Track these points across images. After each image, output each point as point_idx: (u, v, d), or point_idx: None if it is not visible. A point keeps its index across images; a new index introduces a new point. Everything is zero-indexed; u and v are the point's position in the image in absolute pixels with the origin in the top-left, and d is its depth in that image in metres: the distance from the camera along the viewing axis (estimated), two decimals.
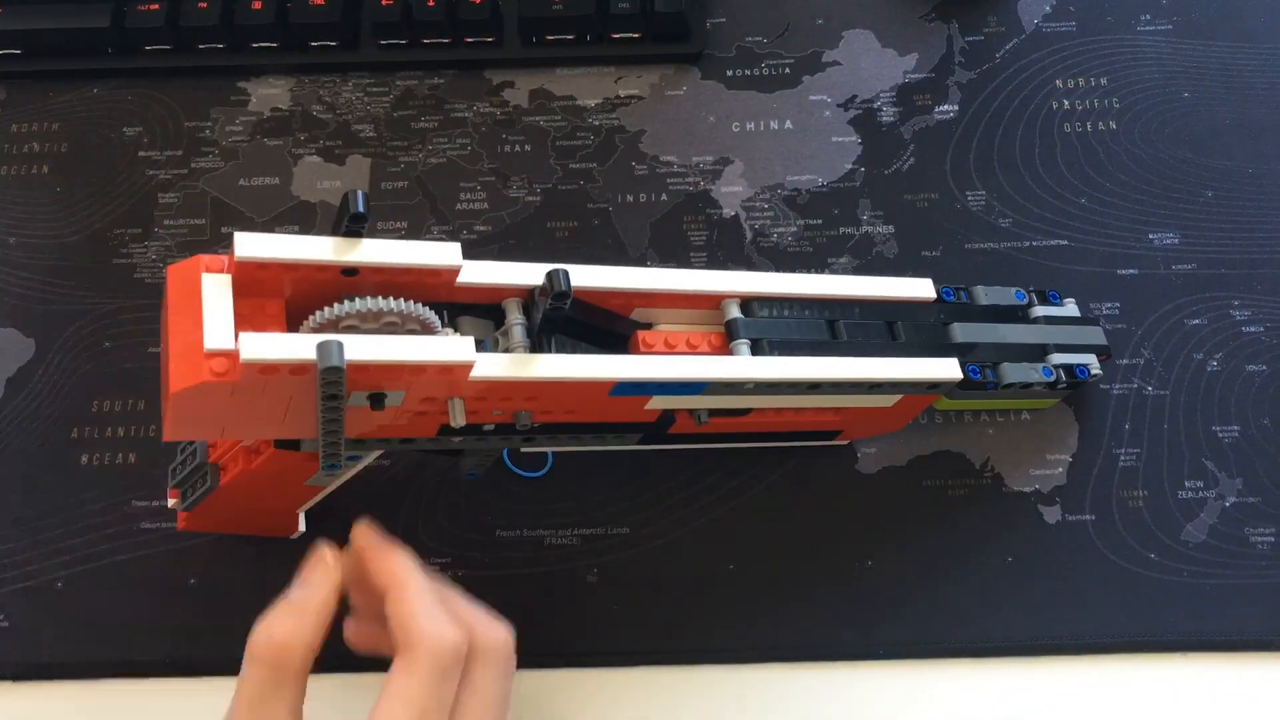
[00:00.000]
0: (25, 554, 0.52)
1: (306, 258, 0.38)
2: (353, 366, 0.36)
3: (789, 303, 0.46)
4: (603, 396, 0.42)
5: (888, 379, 0.45)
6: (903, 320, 0.48)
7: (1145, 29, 0.61)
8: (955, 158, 0.59)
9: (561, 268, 0.40)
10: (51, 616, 0.51)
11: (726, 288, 0.46)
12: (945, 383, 0.46)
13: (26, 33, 0.61)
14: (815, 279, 0.48)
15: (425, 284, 0.41)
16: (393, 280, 0.40)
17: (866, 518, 0.52)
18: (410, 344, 0.37)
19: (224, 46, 0.62)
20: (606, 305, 0.44)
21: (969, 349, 0.48)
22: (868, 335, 0.47)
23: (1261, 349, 0.54)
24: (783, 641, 0.50)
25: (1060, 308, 0.52)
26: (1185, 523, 0.51)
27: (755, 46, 0.62)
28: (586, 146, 0.60)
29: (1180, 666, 0.49)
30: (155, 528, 0.53)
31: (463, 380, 0.39)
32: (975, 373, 0.47)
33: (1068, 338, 0.51)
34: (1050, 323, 0.52)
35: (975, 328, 0.49)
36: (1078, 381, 0.50)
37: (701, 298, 0.45)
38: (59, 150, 0.61)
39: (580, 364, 0.41)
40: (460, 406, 0.40)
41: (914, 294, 0.49)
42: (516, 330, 0.42)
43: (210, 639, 0.51)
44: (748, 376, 0.43)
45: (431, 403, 0.40)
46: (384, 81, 0.62)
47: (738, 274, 0.46)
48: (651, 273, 0.45)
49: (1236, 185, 0.58)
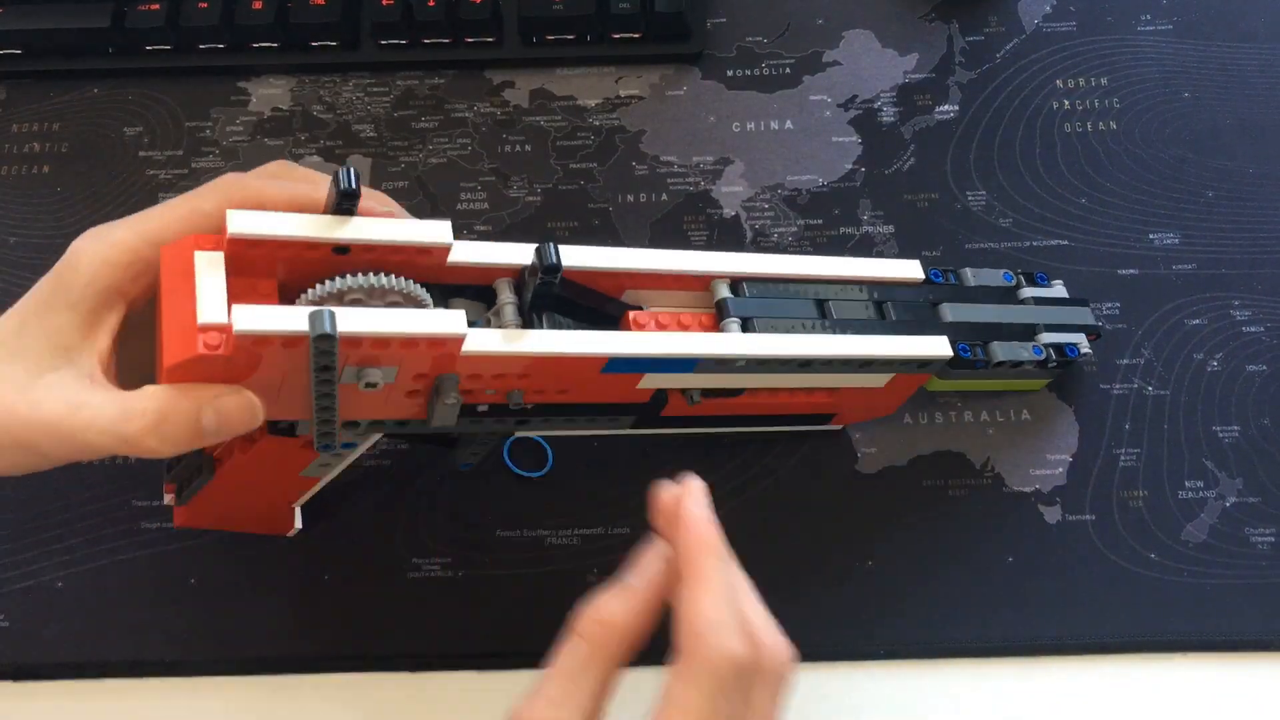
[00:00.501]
0: (25, 554, 0.52)
1: (298, 235, 0.38)
2: (345, 339, 0.36)
3: (778, 283, 0.47)
4: (595, 374, 0.42)
5: (878, 356, 0.45)
6: (892, 300, 0.48)
7: (1145, 29, 0.61)
8: (955, 158, 0.59)
9: (551, 243, 0.41)
10: (51, 616, 0.51)
11: (716, 269, 0.46)
12: (936, 360, 0.47)
13: (27, 33, 0.61)
14: (804, 260, 0.48)
15: (416, 263, 0.41)
16: (384, 259, 0.40)
17: (866, 518, 0.51)
18: (402, 316, 0.37)
19: (224, 46, 0.61)
20: (597, 287, 0.45)
21: (958, 328, 0.48)
22: (857, 314, 0.47)
23: (1262, 349, 0.54)
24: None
25: (1048, 289, 0.53)
26: (1185, 523, 0.51)
27: (755, 46, 0.62)
28: (587, 146, 0.60)
29: (1180, 666, 0.49)
30: (155, 528, 0.52)
31: (455, 355, 0.39)
32: (965, 351, 0.48)
33: (1057, 318, 0.52)
34: (1039, 303, 0.52)
35: (964, 308, 0.49)
36: (1068, 360, 0.50)
37: (691, 279, 0.46)
38: (59, 150, 0.61)
39: (572, 339, 0.41)
40: (453, 384, 0.40)
41: (902, 274, 0.49)
42: (508, 309, 0.42)
43: (210, 639, 0.50)
44: (739, 353, 0.43)
45: (424, 381, 0.40)
46: (384, 81, 0.62)
47: (727, 255, 0.47)
48: (642, 253, 0.45)
49: (1237, 185, 0.57)
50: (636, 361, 0.42)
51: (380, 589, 0.51)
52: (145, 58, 0.62)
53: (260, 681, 0.50)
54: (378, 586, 0.51)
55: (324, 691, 0.50)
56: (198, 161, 0.60)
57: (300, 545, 0.52)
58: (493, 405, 0.43)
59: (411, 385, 0.40)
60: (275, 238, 0.38)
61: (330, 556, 0.52)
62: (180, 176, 0.60)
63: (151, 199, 0.59)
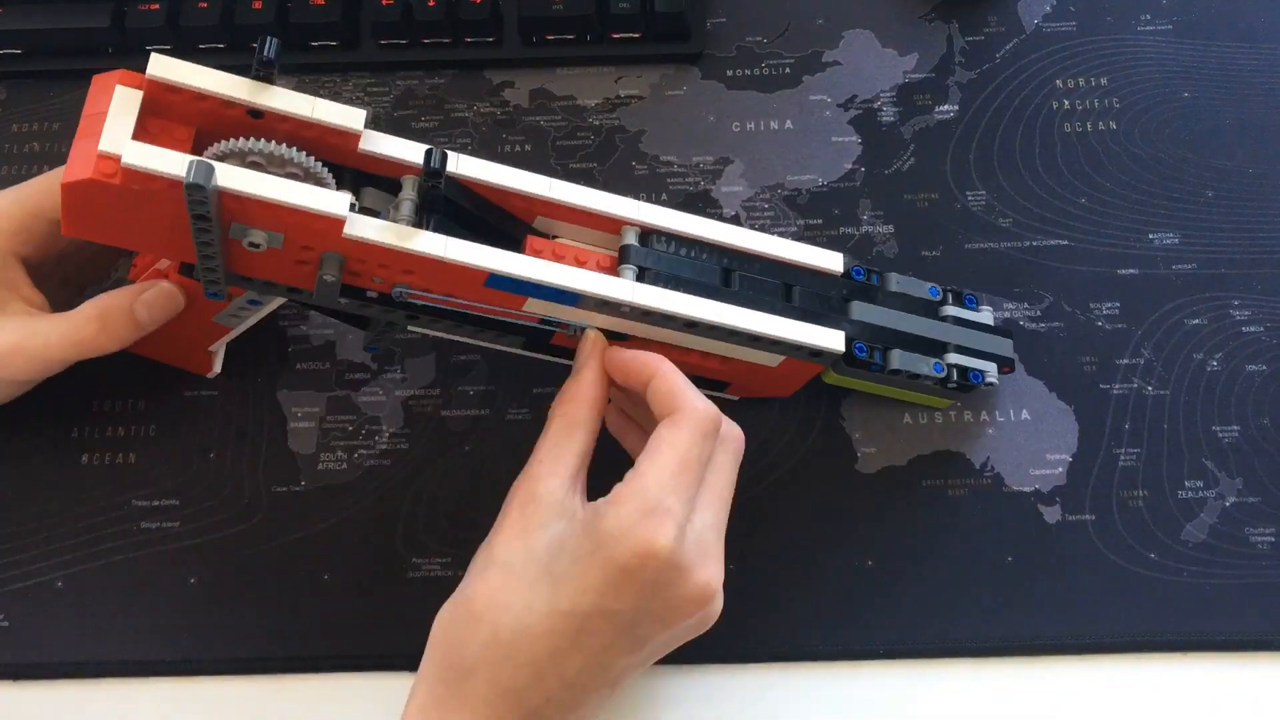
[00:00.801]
0: (25, 554, 0.52)
1: (214, 90, 0.41)
2: (228, 195, 0.38)
3: (689, 243, 0.47)
4: (478, 287, 0.44)
5: (767, 335, 0.46)
6: (802, 286, 0.48)
7: (1145, 29, 0.61)
8: (955, 157, 0.58)
9: (445, 150, 0.42)
10: (51, 616, 0.51)
11: (629, 214, 0.47)
12: (828, 353, 0.47)
13: (27, 32, 0.61)
14: (723, 227, 0.48)
15: (328, 144, 0.43)
16: (297, 133, 0.42)
17: (866, 518, 0.51)
18: (286, 187, 0.40)
19: (224, 46, 0.61)
20: (509, 208, 0.46)
21: (863, 327, 0.48)
22: (760, 291, 0.47)
23: (1261, 349, 0.54)
24: (782, 641, 0.50)
25: (975, 312, 0.52)
26: (1185, 522, 0.51)
27: (755, 46, 0.62)
28: (587, 146, 0.60)
29: (1180, 666, 0.49)
30: (155, 527, 0.52)
31: (336, 235, 0.41)
32: (861, 350, 0.48)
33: (972, 341, 0.51)
34: (958, 323, 0.51)
35: (877, 310, 0.49)
36: (969, 385, 0.50)
37: (603, 219, 0.47)
38: (59, 150, 0.61)
39: (454, 247, 0.42)
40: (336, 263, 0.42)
41: (821, 263, 0.49)
42: (405, 205, 0.43)
43: (209, 638, 0.50)
44: (620, 298, 0.44)
45: (311, 255, 0.42)
46: (384, 81, 0.62)
47: (643, 204, 0.47)
48: (554, 183, 0.46)
49: (1237, 185, 0.57)
50: (518, 283, 0.43)
51: (380, 589, 0.51)
52: (145, 58, 0.61)
53: (259, 681, 0.50)
54: (377, 586, 0.51)
55: (323, 691, 0.50)
56: None
57: (300, 546, 0.52)
58: (381, 294, 0.44)
59: (299, 255, 0.42)
60: (190, 87, 0.40)
61: (330, 556, 0.52)
62: None
63: None
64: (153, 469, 0.53)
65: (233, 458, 0.53)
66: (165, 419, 0.54)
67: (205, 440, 0.54)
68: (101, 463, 0.53)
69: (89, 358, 0.47)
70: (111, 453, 0.54)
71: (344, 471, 0.53)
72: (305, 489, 0.53)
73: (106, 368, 0.55)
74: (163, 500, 0.53)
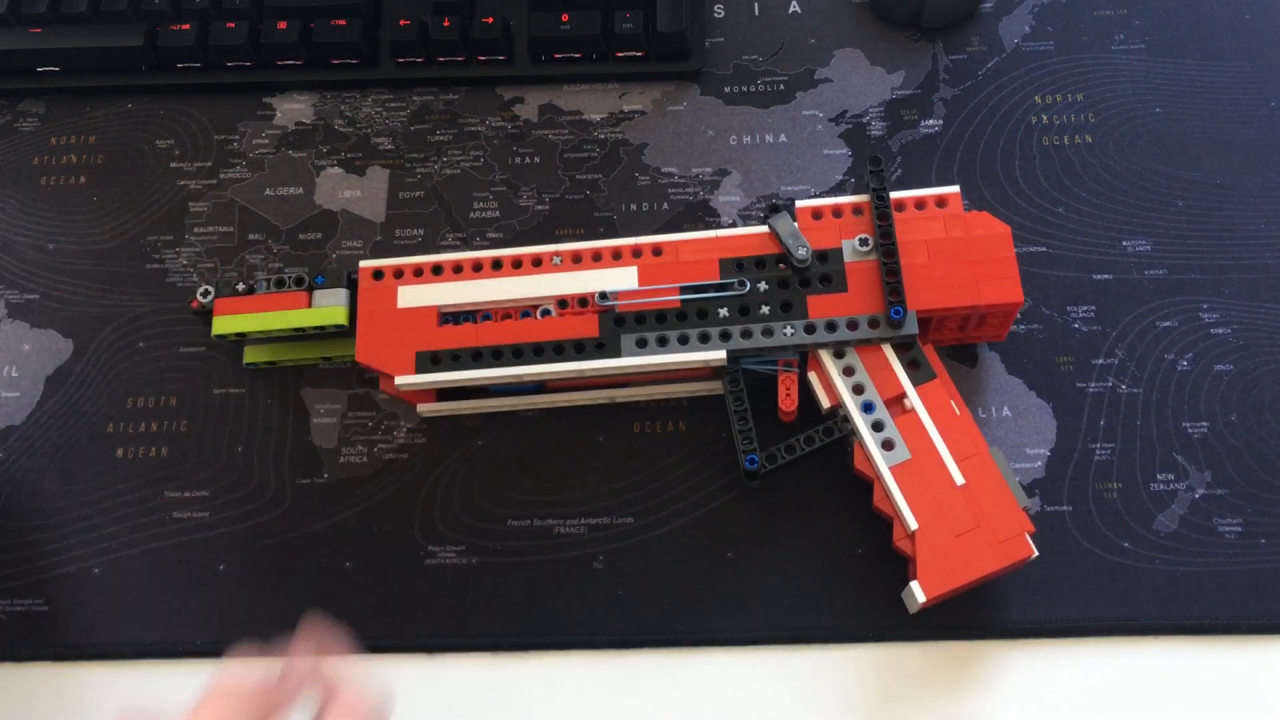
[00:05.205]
0: (65, 541, 0.52)
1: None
2: None
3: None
4: None
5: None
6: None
7: (1119, 48, 0.61)
8: (940, 169, 0.59)
9: None
10: (89, 601, 0.51)
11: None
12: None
13: (65, 51, 0.61)
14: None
15: None
16: None
17: (858, 506, 0.52)
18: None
19: (251, 64, 0.62)
20: None
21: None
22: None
23: (1229, 349, 0.54)
24: (778, 625, 0.50)
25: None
26: (1157, 513, 0.51)
27: (751, 65, 0.62)
28: (592, 158, 0.60)
29: (1153, 649, 0.49)
30: (186, 518, 0.53)
31: None
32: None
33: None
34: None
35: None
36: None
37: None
38: (95, 162, 0.61)
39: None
40: None
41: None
42: None
43: (238, 623, 0.51)
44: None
45: None
46: (402, 97, 0.62)
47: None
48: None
49: (1205, 195, 0.58)
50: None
51: (398, 575, 0.51)
52: (176, 75, 0.62)
53: None
54: (396, 573, 0.51)
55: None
56: (225, 172, 0.60)
57: (323, 535, 0.52)
58: None
59: None
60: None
61: (351, 545, 0.52)
62: (209, 186, 0.60)
63: (182, 207, 0.59)
64: (184, 462, 0.54)
65: (259, 452, 0.54)
66: (196, 415, 0.55)
67: (233, 435, 0.54)
68: (136, 456, 0.54)
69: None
70: (145, 447, 0.54)
71: (364, 465, 0.54)
72: (327, 481, 0.53)
73: (140, 366, 0.56)
74: (193, 492, 0.53)
